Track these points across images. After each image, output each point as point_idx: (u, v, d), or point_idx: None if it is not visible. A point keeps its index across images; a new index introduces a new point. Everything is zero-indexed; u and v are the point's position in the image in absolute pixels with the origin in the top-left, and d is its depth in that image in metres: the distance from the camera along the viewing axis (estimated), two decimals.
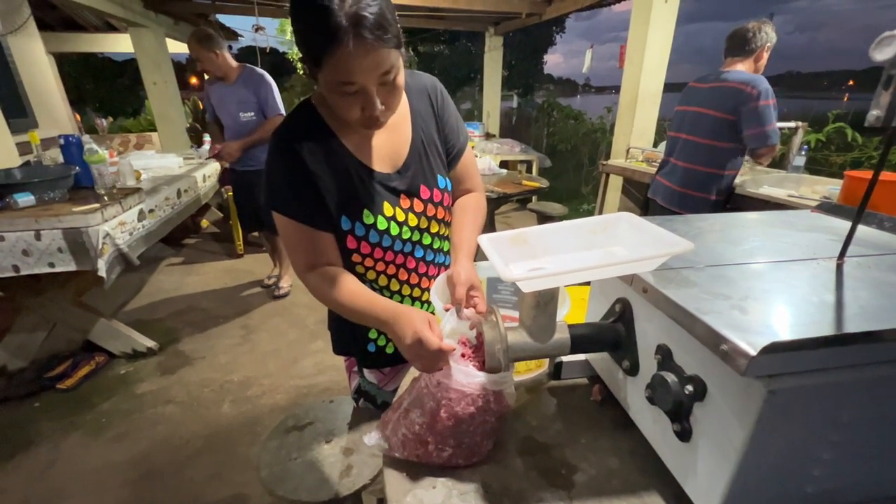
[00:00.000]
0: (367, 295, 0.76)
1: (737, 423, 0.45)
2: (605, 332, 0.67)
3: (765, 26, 1.89)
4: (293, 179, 0.77)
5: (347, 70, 0.65)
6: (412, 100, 0.87)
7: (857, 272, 0.58)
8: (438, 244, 0.95)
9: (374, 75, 0.67)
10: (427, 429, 0.62)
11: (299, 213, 0.78)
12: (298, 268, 0.81)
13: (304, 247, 0.80)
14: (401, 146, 0.85)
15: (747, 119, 1.81)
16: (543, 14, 4.91)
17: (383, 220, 0.83)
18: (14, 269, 1.68)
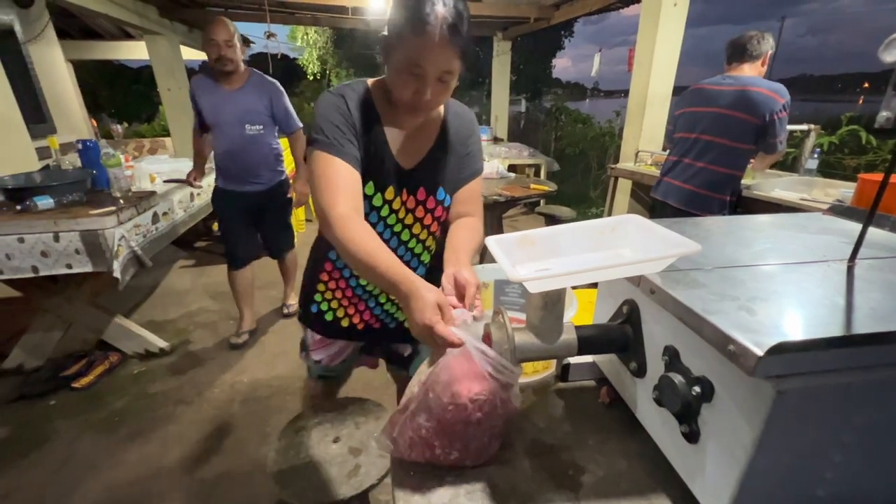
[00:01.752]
0: (388, 257, 0.75)
1: (745, 425, 0.45)
2: (612, 333, 0.67)
3: (766, 34, 1.96)
4: (347, 127, 0.85)
5: (423, 54, 0.76)
6: (449, 117, 0.96)
7: (868, 274, 0.57)
8: (414, 245, 1.01)
9: (439, 69, 0.78)
10: (434, 433, 0.62)
11: (351, 156, 0.84)
12: (329, 208, 0.79)
13: (344, 188, 0.82)
14: (421, 150, 0.94)
15: (773, 127, 1.88)
16: (552, 19, 4.92)
17: (380, 198, 0.92)
18: (33, 270, 1.73)
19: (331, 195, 0.80)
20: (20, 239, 1.68)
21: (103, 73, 11.55)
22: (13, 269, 1.71)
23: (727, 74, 2.00)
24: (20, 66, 3.06)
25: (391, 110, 0.89)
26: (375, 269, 0.73)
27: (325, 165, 0.82)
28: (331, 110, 0.85)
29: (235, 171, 2.27)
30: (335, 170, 0.82)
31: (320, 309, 1.09)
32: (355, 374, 1.32)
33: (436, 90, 0.81)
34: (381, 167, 0.90)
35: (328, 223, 0.79)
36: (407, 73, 0.78)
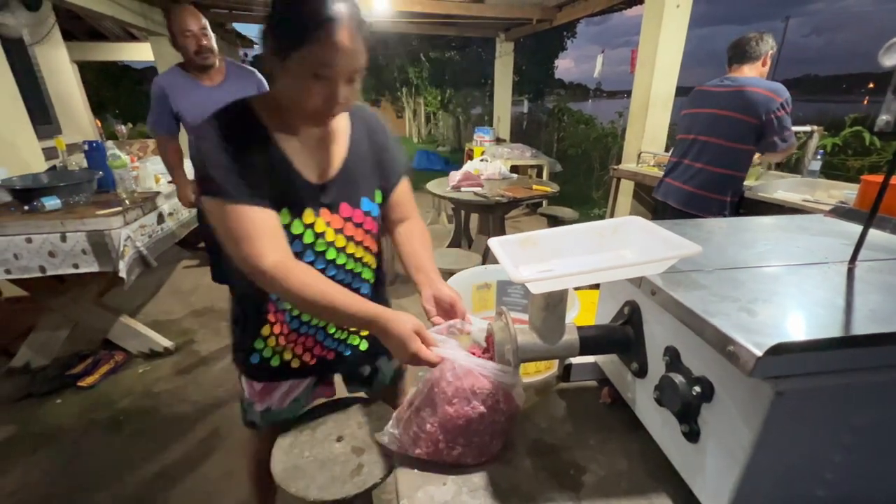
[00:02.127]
0: (346, 296, 0.74)
1: (744, 425, 0.46)
2: (613, 333, 0.68)
3: (765, 35, 1.96)
4: (244, 164, 0.73)
5: (332, 55, 0.67)
6: (354, 123, 0.88)
7: (868, 276, 0.58)
8: (352, 265, 0.92)
9: (351, 67, 0.70)
10: (438, 427, 0.63)
11: (256, 197, 0.73)
12: (257, 259, 0.72)
13: (264, 234, 0.73)
14: (333, 162, 0.85)
15: (772, 127, 1.87)
16: (554, 20, 4.92)
17: (299, 225, 0.81)
18: (41, 270, 1.74)
19: (252, 246, 0.72)
20: (28, 239, 1.70)
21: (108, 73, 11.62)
22: (21, 269, 1.73)
23: (727, 76, 2.02)
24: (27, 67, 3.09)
25: (285, 125, 0.79)
26: (339, 311, 0.72)
27: (231, 216, 0.72)
28: (212, 150, 0.72)
29: None
30: (245, 218, 0.72)
31: (263, 357, 0.96)
32: None
33: (348, 92, 0.73)
34: (290, 190, 0.79)
35: (261, 276, 0.72)
36: (313, 78, 0.69)
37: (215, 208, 0.73)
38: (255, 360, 0.97)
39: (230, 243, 0.73)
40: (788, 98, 1.86)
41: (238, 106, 0.78)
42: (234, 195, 0.72)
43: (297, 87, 0.71)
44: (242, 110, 0.77)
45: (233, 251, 0.73)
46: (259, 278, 0.73)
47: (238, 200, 0.72)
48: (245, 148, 0.74)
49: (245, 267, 0.73)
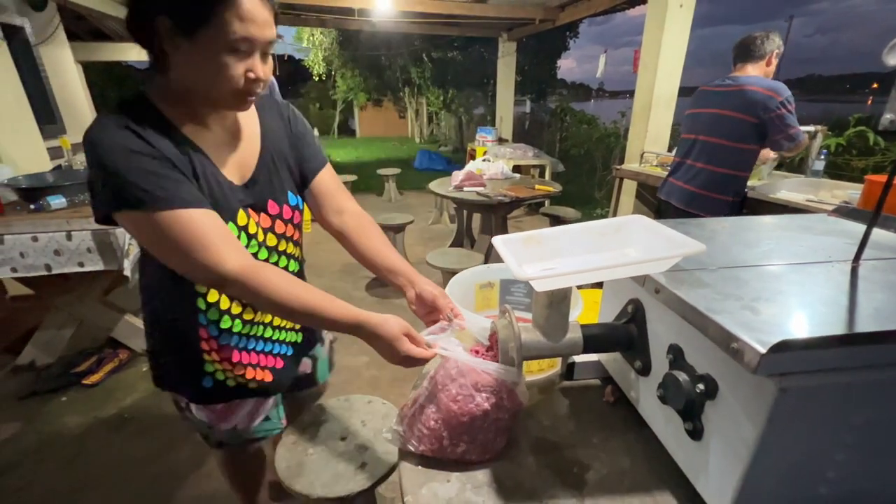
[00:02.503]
0: (324, 299, 0.69)
1: (748, 422, 0.46)
2: (617, 331, 0.68)
3: (772, 34, 1.94)
4: (168, 163, 0.63)
5: (249, 23, 0.61)
6: (263, 115, 0.82)
7: (872, 275, 0.58)
8: (286, 263, 0.87)
9: (266, 37, 0.64)
10: (442, 424, 0.64)
11: (195, 198, 0.65)
12: (218, 266, 0.64)
13: (222, 236, 0.65)
14: (249, 158, 0.79)
15: (774, 126, 1.86)
16: (557, 20, 4.92)
17: (233, 228, 0.74)
18: (46, 269, 1.76)
19: (209, 253, 0.63)
20: (34, 238, 1.71)
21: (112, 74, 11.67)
22: (27, 268, 1.74)
23: (729, 76, 2.01)
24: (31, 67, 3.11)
25: (193, 119, 0.70)
26: (319, 316, 0.68)
27: (173, 226, 0.62)
28: (127, 154, 0.61)
29: None
30: (191, 223, 0.63)
31: (217, 379, 0.86)
32: (360, 373, 1.33)
33: (263, 65, 0.67)
34: (219, 192, 0.72)
35: (228, 283, 0.65)
36: (230, 53, 0.62)
37: (146, 222, 0.62)
38: (208, 385, 0.85)
39: (177, 257, 0.64)
40: (789, 96, 1.84)
41: (141, 105, 0.66)
42: (170, 200, 0.61)
43: (210, 68, 0.62)
44: (144, 105, 0.66)
45: (184, 265, 0.65)
46: (225, 287, 0.66)
47: (175, 205, 0.62)
48: (163, 146, 0.64)
49: (206, 277, 0.65)
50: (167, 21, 0.59)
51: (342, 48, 11.25)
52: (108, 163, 0.60)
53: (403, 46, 10.80)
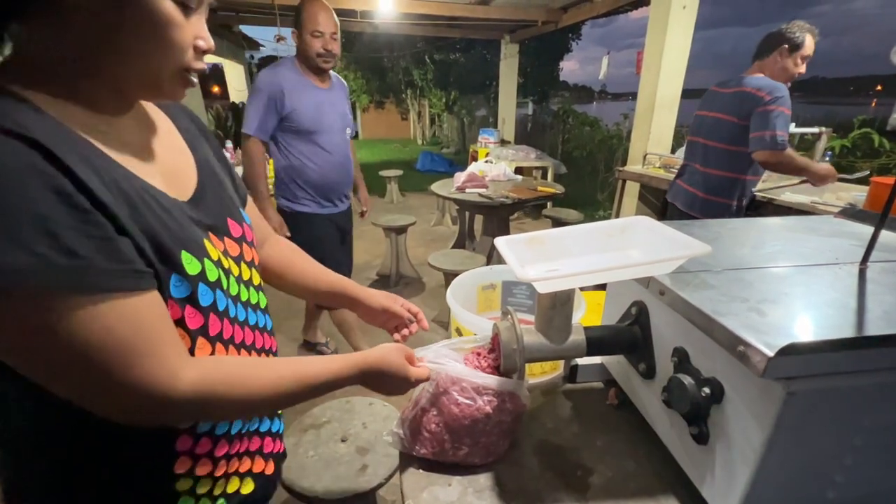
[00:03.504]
0: (302, 362, 0.54)
1: (755, 426, 0.45)
2: (621, 334, 0.67)
3: (791, 27, 1.82)
4: (90, 219, 0.38)
5: None
6: (175, 118, 0.59)
7: (880, 277, 0.57)
8: (256, 298, 0.63)
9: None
10: (444, 427, 0.63)
11: (138, 272, 0.42)
12: (170, 380, 0.42)
13: (168, 334, 0.44)
14: (185, 167, 0.56)
15: (754, 122, 1.78)
16: (559, 22, 4.92)
17: (212, 268, 0.51)
18: None
19: (152, 363, 0.41)
20: None
21: None
22: None
23: (739, 76, 1.97)
24: None
25: (92, 120, 0.44)
26: (313, 387, 0.53)
27: (98, 323, 0.39)
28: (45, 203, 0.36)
29: (331, 188, 1.86)
30: (129, 317, 0.41)
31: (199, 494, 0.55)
32: None
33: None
34: (167, 218, 0.47)
35: (168, 407, 0.43)
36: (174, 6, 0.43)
37: (53, 320, 0.37)
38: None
39: (96, 373, 0.39)
40: (779, 96, 1.73)
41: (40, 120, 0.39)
42: (102, 281, 0.39)
43: (146, 28, 0.42)
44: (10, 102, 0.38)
45: (91, 385, 0.40)
46: (162, 413, 0.44)
47: (109, 289, 0.39)
48: (84, 189, 0.38)
49: (128, 404, 0.42)
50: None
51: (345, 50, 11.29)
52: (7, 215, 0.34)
53: (406, 48, 10.84)
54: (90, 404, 0.42)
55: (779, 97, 1.74)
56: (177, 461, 0.51)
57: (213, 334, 0.51)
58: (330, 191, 1.87)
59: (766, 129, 1.74)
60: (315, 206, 1.85)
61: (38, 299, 0.36)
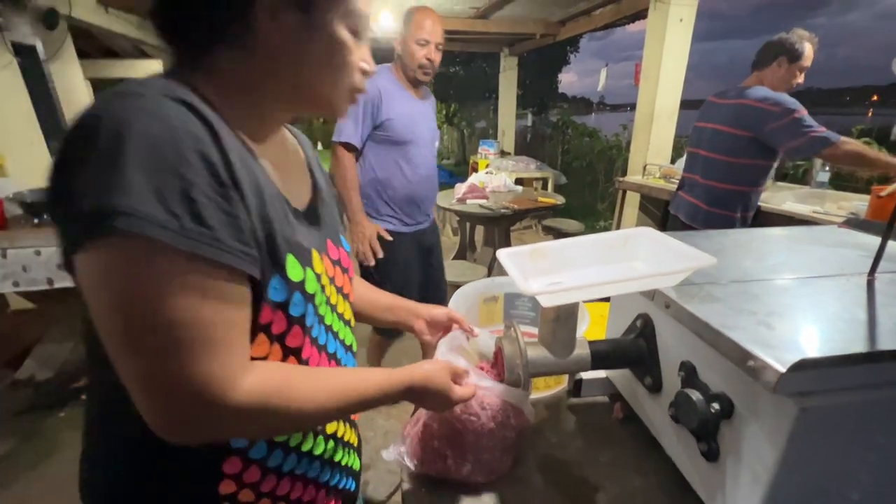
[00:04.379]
0: (351, 373, 0.53)
1: (767, 443, 0.44)
2: (626, 347, 0.66)
3: (790, 37, 1.81)
4: (226, 194, 0.40)
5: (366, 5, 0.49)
6: (303, 146, 0.64)
7: (889, 289, 0.56)
8: (344, 333, 0.61)
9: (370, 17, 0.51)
10: (446, 443, 0.62)
11: (244, 255, 0.41)
12: (228, 384, 0.39)
13: (241, 334, 0.42)
14: (303, 185, 0.58)
15: (778, 138, 1.76)
16: (558, 35, 4.99)
17: (312, 280, 0.50)
18: (48, 283, 1.75)
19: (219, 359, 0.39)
20: (37, 252, 1.71)
21: None
22: (29, 282, 1.74)
23: (738, 86, 1.97)
24: (41, 84, 3.16)
25: (251, 129, 0.48)
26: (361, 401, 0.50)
27: (196, 291, 0.38)
28: (184, 160, 0.37)
29: (417, 203, 1.75)
30: (222, 302, 0.39)
31: None
32: None
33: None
34: (287, 225, 0.48)
35: (227, 416, 0.40)
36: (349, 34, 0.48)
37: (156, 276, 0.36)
38: None
39: (166, 354, 0.37)
40: (788, 106, 1.72)
41: (188, 97, 0.41)
42: (218, 253, 0.38)
43: (325, 52, 0.47)
44: (197, 106, 0.41)
45: (168, 372, 0.37)
46: (219, 424, 0.41)
47: (221, 264, 0.39)
48: (228, 166, 0.40)
49: (193, 407, 0.38)
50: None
51: None
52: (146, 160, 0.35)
53: None
54: (145, 396, 0.38)
55: (784, 107, 1.73)
56: (221, 482, 0.47)
57: (292, 346, 0.49)
58: (416, 206, 1.75)
59: (801, 136, 1.70)
60: (398, 223, 1.74)
61: (154, 253, 0.36)
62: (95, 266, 0.37)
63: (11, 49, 2.55)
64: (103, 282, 0.37)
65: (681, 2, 3.05)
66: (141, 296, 0.36)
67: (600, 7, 4.07)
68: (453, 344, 0.70)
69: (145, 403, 0.38)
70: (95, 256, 0.36)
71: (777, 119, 1.74)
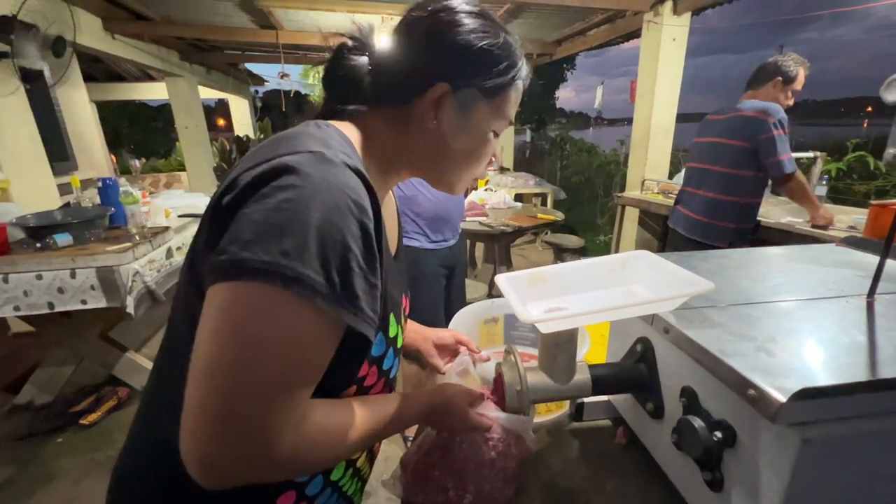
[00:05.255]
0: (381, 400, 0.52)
1: (771, 473, 0.43)
2: (626, 373, 0.66)
3: (785, 60, 1.91)
4: (373, 262, 0.42)
5: (514, 108, 0.55)
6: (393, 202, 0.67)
7: (889, 311, 0.56)
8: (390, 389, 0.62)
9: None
10: (447, 473, 0.61)
11: (374, 325, 0.43)
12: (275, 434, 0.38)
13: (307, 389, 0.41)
14: (393, 231, 0.62)
15: (765, 148, 1.84)
16: (554, 54, 5.09)
17: (401, 335, 0.57)
18: (49, 306, 1.75)
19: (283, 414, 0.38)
20: (38, 276, 1.72)
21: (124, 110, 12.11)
22: (29, 306, 1.74)
23: (733, 105, 2.04)
24: (47, 107, 3.22)
25: (380, 192, 0.51)
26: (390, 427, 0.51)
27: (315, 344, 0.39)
28: (351, 232, 0.39)
29: (444, 219, 1.73)
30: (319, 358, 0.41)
31: None
32: None
33: None
34: (392, 283, 0.52)
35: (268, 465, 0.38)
36: (490, 135, 0.55)
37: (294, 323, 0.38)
38: None
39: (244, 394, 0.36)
40: (782, 118, 1.81)
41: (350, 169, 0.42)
42: (360, 324, 0.41)
43: (472, 144, 0.53)
44: (366, 175, 0.44)
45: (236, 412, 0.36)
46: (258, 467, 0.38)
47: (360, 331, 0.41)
48: (378, 236, 0.44)
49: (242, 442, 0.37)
50: (446, 87, 0.49)
51: None
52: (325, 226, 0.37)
53: None
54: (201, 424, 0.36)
55: (781, 117, 1.82)
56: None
57: (368, 390, 0.53)
58: (443, 223, 1.73)
59: (778, 154, 1.81)
60: (424, 240, 1.71)
61: (297, 306, 0.37)
62: (244, 298, 0.37)
63: (18, 74, 2.61)
64: (242, 311, 0.36)
65: (673, 22, 3.12)
66: (267, 332, 0.37)
67: (595, 27, 4.16)
68: (457, 369, 0.70)
69: (196, 430, 0.36)
70: (247, 290, 0.36)
71: (769, 130, 1.81)
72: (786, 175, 1.85)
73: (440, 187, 0.57)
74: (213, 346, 0.37)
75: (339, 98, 0.52)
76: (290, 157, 0.40)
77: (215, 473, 0.37)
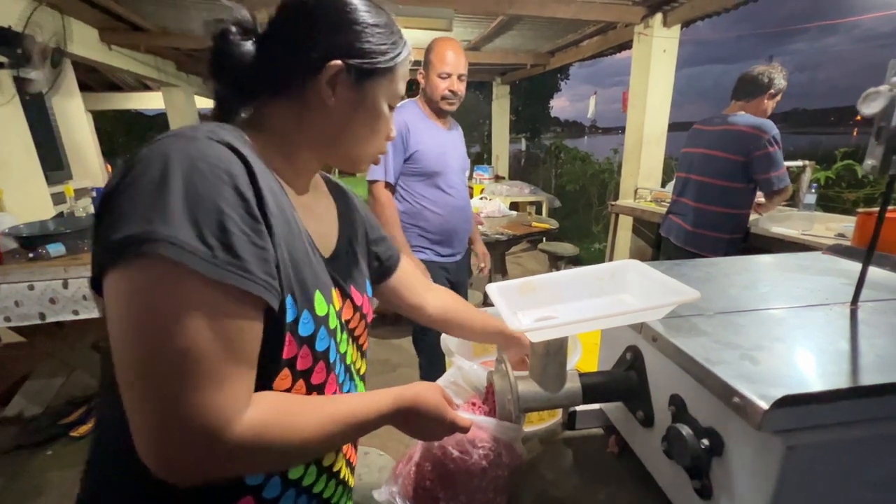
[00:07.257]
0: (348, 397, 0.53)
1: (758, 481, 0.44)
2: (617, 381, 0.66)
3: (773, 72, 1.96)
4: (255, 228, 0.42)
5: (404, 79, 0.58)
6: (337, 198, 0.67)
7: (871, 318, 0.57)
8: (356, 379, 0.63)
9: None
10: (438, 483, 0.61)
11: (270, 288, 0.42)
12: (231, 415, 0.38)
13: (250, 366, 0.42)
14: (330, 234, 0.61)
15: (759, 164, 1.88)
16: (547, 64, 5.16)
17: (334, 316, 0.54)
18: (40, 317, 1.74)
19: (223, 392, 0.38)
20: (30, 286, 1.71)
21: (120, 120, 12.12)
22: (21, 317, 1.72)
23: (720, 114, 2.07)
24: (42, 116, 3.22)
25: (290, 177, 0.54)
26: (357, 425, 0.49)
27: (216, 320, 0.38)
28: (221, 194, 0.39)
29: (451, 233, 1.74)
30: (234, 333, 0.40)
31: None
32: None
33: None
34: (311, 266, 0.51)
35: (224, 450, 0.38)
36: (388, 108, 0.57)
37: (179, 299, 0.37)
38: None
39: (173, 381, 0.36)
40: (775, 135, 1.86)
41: (233, 141, 0.44)
42: (246, 283, 0.39)
43: (368, 121, 0.55)
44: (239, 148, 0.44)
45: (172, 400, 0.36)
46: (216, 456, 0.38)
47: (245, 291, 0.40)
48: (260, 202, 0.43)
49: (191, 435, 0.37)
50: (340, 65, 0.50)
51: None
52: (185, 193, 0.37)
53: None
54: (145, 423, 0.37)
55: (775, 133, 1.86)
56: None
57: (315, 383, 0.51)
58: (451, 236, 1.74)
59: (774, 170, 1.87)
60: (432, 253, 1.73)
61: (182, 277, 0.37)
62: (125, 284, 0.37)
63: (14, 84, 2.61)
64: (128, 300, 0.37)
65: (663, 34, 3.17)
66: (161, 317, 0.36)
67: (588, 38, 4.22)
68: (447, 379, 0.70)
69: (144, 432, 0.37)
70: (127, 275, 0.37)
71: (764, 147, 1.85)
72: (775, 190, 1.92)
73: (344, 166, 0.58)
74: (123, 350, 0.37)
75: (231, 88, 0.52)
76: (148, 145, 0.41)
77: (175, 471, 0.37)
